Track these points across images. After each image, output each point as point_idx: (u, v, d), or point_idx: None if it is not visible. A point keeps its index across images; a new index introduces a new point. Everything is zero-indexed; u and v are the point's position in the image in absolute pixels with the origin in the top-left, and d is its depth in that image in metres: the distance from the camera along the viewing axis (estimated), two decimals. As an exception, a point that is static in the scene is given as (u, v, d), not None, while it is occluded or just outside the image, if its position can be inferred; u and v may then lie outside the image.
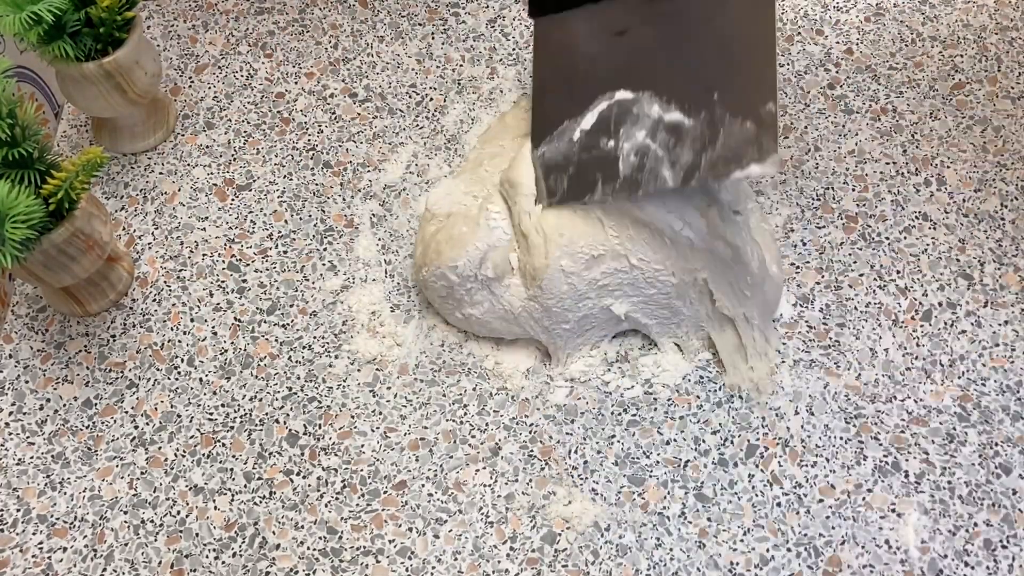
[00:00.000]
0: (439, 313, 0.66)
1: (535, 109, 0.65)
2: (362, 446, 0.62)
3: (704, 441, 0.62)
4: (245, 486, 0.60)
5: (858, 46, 0.79)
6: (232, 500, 0.60)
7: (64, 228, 0.58)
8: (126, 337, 0.66)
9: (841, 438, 0.62)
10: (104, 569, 0.58)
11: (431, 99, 0.77)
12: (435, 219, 0.65)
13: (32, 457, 0.62)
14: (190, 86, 0.78)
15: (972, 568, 0.57)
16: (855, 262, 0.68)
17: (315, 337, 0.66)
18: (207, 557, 0.58)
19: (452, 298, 0.63)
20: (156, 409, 0.63)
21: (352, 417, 0.63)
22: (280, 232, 0.71)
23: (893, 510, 0.59)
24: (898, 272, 0.68)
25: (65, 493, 0.60)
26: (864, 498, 0.59)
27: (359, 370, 0.65)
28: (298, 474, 0.61)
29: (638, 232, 0.61)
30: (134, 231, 0.71)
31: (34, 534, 0.59)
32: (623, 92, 0.61)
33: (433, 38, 0.80)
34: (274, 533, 0.59)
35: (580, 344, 0.65)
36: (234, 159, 0.74)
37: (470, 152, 0.73)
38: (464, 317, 0.64)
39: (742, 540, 0.58)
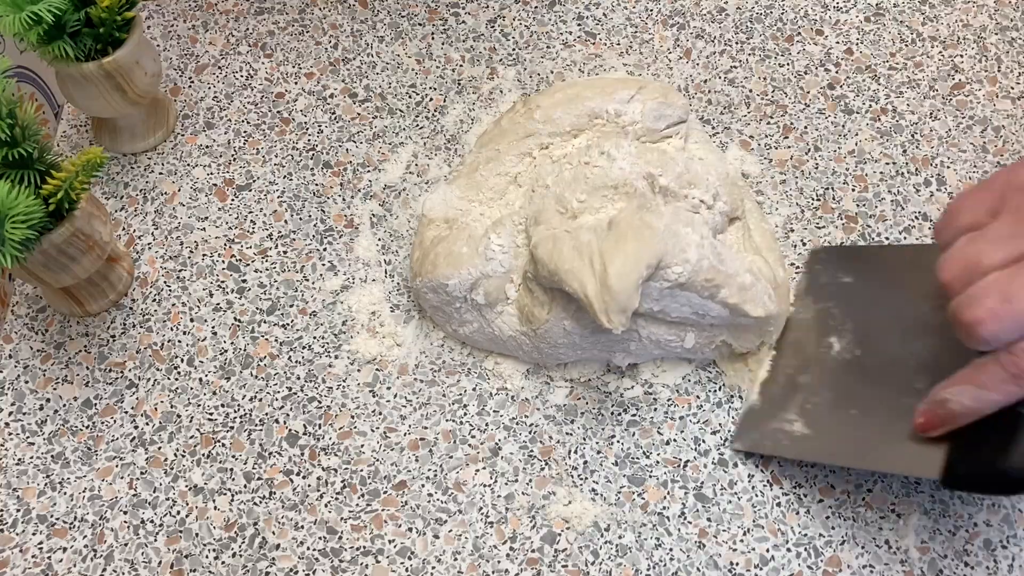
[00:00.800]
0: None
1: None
2: (362, 446, 0.62)
3: (704, 441, 0.62)
4: (245, 486, 0.60)
5: (858, 46, 0.79)
6: (232, 500, 0.60)
7: (64, 228, 0.58)
8: (126, 337, 0.66)
9: (841, 438, 0.61)
10: (104, 569, 0.58)
11: (431, 99, 0.77)
12: (433, 224, 0.65)
13: (32, 457, 0.62)
14: (190, 86, 0.78)
15: (972, 568, 0.57)
16: (855, 262, 0.68)
17: (315, 337, 0.66)
18: (207, 557, 0.58)
19: (443, 311, 0.63)
20: (156, 409, 0.63)
21: (352, 417, 0.63)
22: (280, 232, 0.71)
23: (893, 510, 0.59)
24: (898, 272, 0.68)
25: (65, 493, 0.60)
26: (864, 498, 0.59)
27: (359, 370, 0.65)
28: (298, 474, 0.61)
29: (657, 319, 0.59)
30: (134, 231, 0.71)
31: (34, 534, 0.59)
32: None
33: (433, 38, 0.80)
34: (274, 533, 0.59)
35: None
36: (234, 159, 0.74)
37: (467, 156, 0.73)
38: (454, 331, 0.64)
39: (742, 540, 0.58)
